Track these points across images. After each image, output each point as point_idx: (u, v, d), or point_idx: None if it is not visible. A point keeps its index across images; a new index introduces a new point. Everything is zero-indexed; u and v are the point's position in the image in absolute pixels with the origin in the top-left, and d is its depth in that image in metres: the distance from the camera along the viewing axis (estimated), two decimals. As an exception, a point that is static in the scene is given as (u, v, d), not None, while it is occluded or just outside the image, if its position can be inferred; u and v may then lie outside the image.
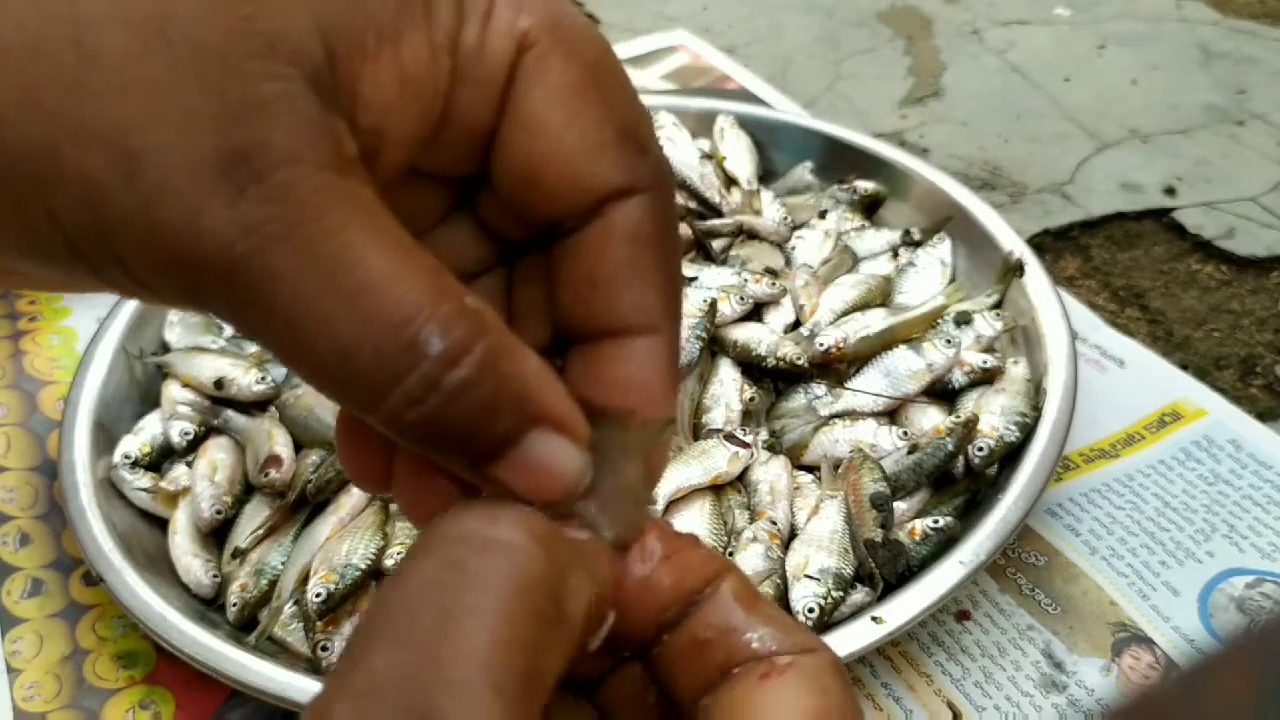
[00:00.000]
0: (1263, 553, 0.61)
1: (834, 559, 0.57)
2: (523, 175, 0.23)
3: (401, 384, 0.20)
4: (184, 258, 0.19)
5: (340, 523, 0.61)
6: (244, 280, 0.19)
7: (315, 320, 0.19)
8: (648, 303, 0.24)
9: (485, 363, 0.20)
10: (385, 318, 0.19)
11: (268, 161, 0.19)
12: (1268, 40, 1.13)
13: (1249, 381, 0.75)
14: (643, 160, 0.23)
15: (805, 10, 1.24)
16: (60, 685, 0.57)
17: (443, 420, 0.20)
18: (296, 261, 0.19)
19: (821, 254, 0.78)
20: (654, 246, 0.24)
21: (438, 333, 0.20)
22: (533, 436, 0.21)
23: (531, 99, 0.22)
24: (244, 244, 0.19)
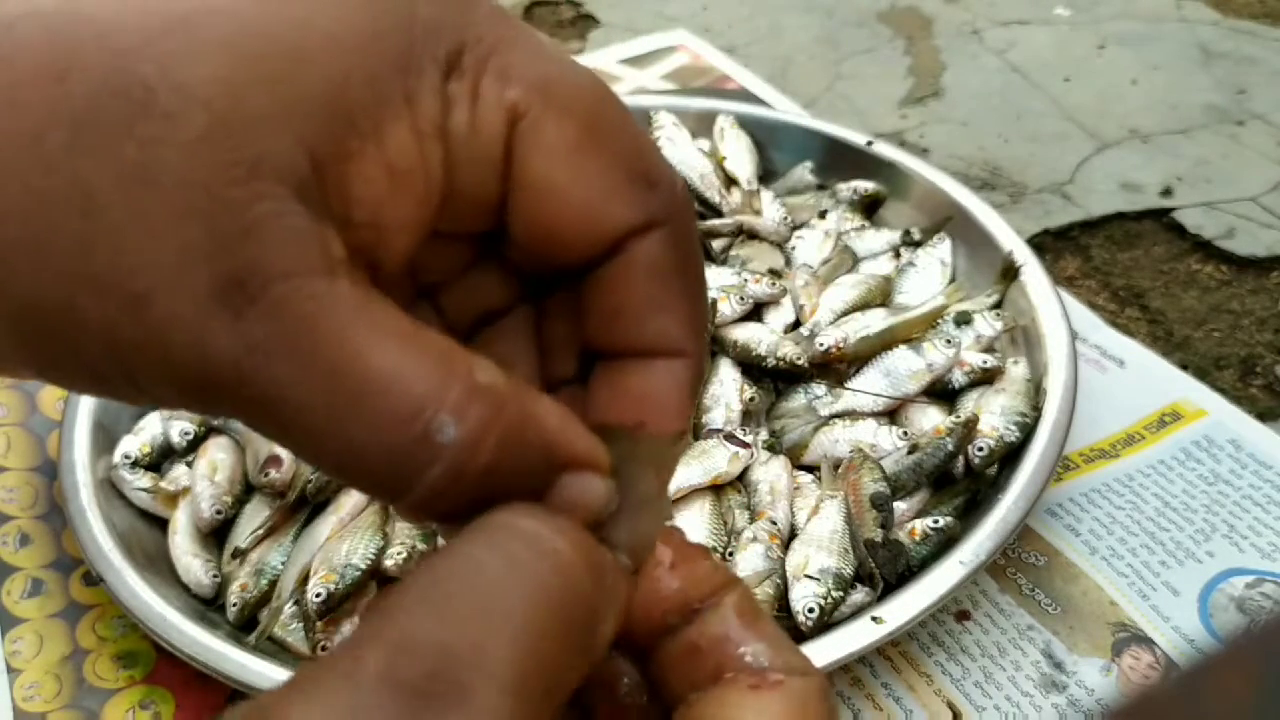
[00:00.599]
0: (1263, 553, 0.61)
1: (834, 559, 0.57)
2: (538, 235, 0.24)
3: (423, 477, 0.20)
4: (196, 379, 0.20)
5: (340, 523, 0.61)
6: (251, 394, 0.20)
7: (324, 426, 0.20)
8: (670, 331, 0.24)
9: (508, 437, 0.21)
10: (392, 415, 0.20)
11: (260, 282, 0.20)
12: (1268, 40, 1.13)
13: (1249, 381, 0.75)
14: (654, 194, 0.24)
15: (805, 10, 1.24)
16: (60, 685, 0.57)
17: (474, 502, 0.21)
18: (299, 373, 0.20)
19: (821, 254, 0.78)
20: (675, 277, 0.24)
21: (451, 421, 0.20)
22: (563, 480, 0.22)
23: (532, 167, 0.23)
24: (247, 362, 0.20)
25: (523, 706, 0.18)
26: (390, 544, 0.59)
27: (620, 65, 1.10)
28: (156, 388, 0.21)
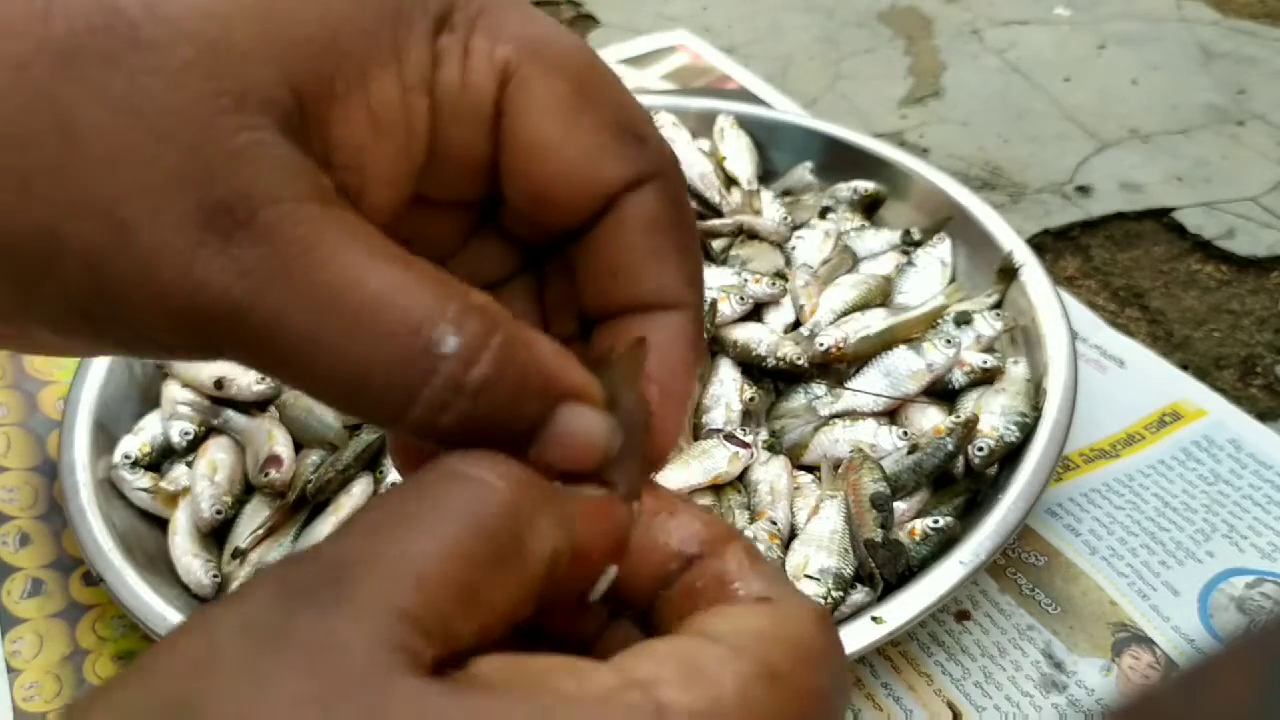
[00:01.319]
0: (1263, 553, 0.61)
1: (834, 559, 0.57)
2: (531, 195, 0.24)
3: (423, 392, 0.20)
4: (188, 311, 0.20)
5: (340, 523, 0.61)
6: (249, 322, 0.20)
7: (326, 348, 0.20)
8: (667, 284, 0.24)
9: (503, 354, 0.21)
10: (394, 330, 0.20)
11: (249, 207, 0.20)
12: (1268, 40, 1.13)
13: (1249, 381, 0.75)
14: (644, 151, 0.24)
15: (805, 10, 1.24)
16: (60, 685, 0.57)
17: (471, 418, 0.21)
18: (295, 296, 0.20)
19: (821, 254, 0.78)
20: (668, 231, 0.24)
21: (451, 332, 0.20)
22: (559, 413, 0.22)
23: (523, 125, 0.23)
24: (240, 287, 0.20)
25: (424, 594, 0.18)
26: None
27: (620, 65, 1.10)
28: (147, 324, 0.20)
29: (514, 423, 0.21)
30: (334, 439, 0.65)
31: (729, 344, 0.69)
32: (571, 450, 0.22)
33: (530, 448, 0.22)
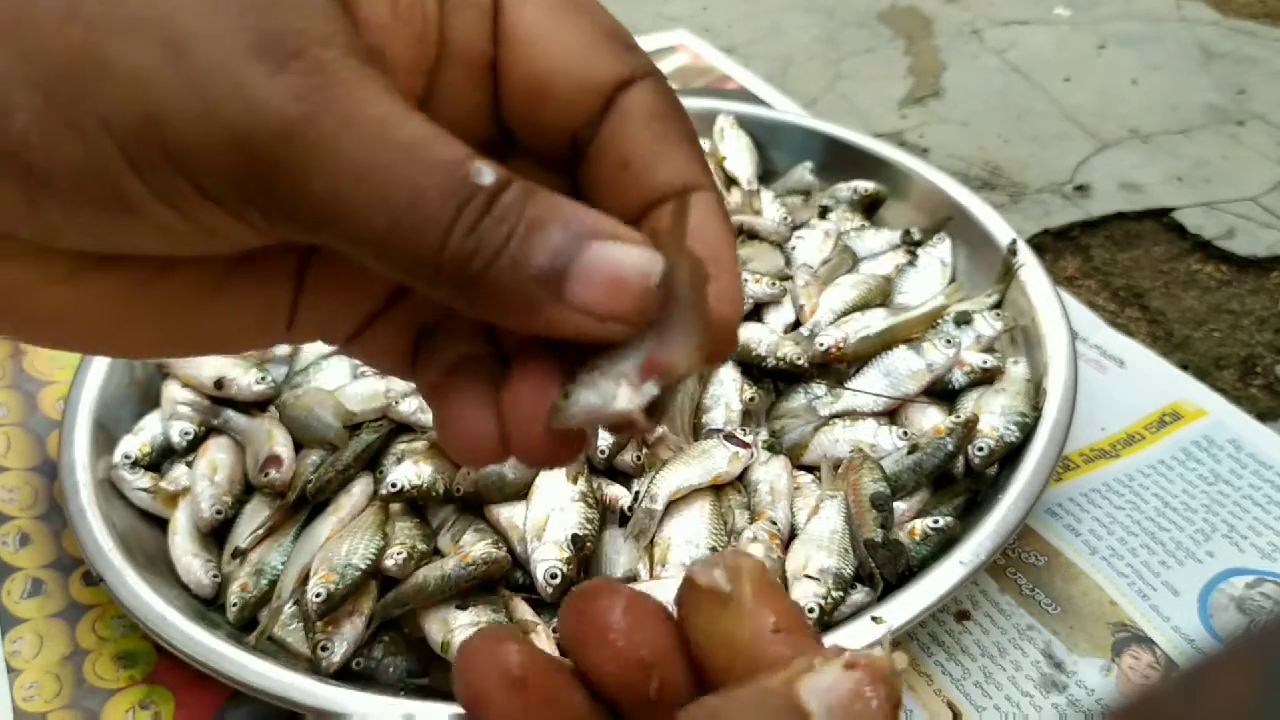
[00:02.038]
0: (1263, 553, 0.61)
1: (834, 559, 0.57)
2: (529, 90, 0.24)
3: (462, 215, 0.21)
4: (239, 131, 0.20)
5: (340, 523, 0.61)
6: (301, 145, 0.20)
7: (378, 172, 0.20)
8: (682, 166, 0.24)
9: (527, 189, 0.21)
10: (440, 160, 0.21)
11: (300, 42, 0.20)
12: (1268, 40, 1.13)
13: (1249, 381, 0.75)
14: (634, 54, 0.25)
15: (805, 10, 1.24)
16: (60, 685, 0.57)
17: (497, 242, 0.21)
18: (348, 123, 0.20)
19: (821, 254, 0.78)
20: (672, 121, 0.24)
21: (485, 168, 0.21)
22: (590, 246, 0.22)
23: (519, 16, 0.24)
24: (295, 109, 0.20)
25: None
26: (390, 544, 0.59)
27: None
28: (192, 151, 0.20)
29: (538, 253, 0.21)
30: (334, 439, 0.65)
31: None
32: (607, 278, 0.21)
33: (564, 287, 0.21)
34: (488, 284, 0.21)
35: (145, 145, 0.20)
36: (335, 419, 0.65)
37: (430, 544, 0.60)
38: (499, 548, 0.58)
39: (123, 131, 0.20)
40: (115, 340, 0.25)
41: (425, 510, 0.63)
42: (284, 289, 0.26)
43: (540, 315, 0.22)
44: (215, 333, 0.26)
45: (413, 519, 0.61)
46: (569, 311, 0.22)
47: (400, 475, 0.61)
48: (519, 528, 0.59)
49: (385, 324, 0.27)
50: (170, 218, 0.21)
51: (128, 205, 0.21)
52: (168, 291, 0.24)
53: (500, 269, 0.21)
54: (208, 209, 0.21)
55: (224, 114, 0.20)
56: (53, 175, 0.20)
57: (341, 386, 0.68)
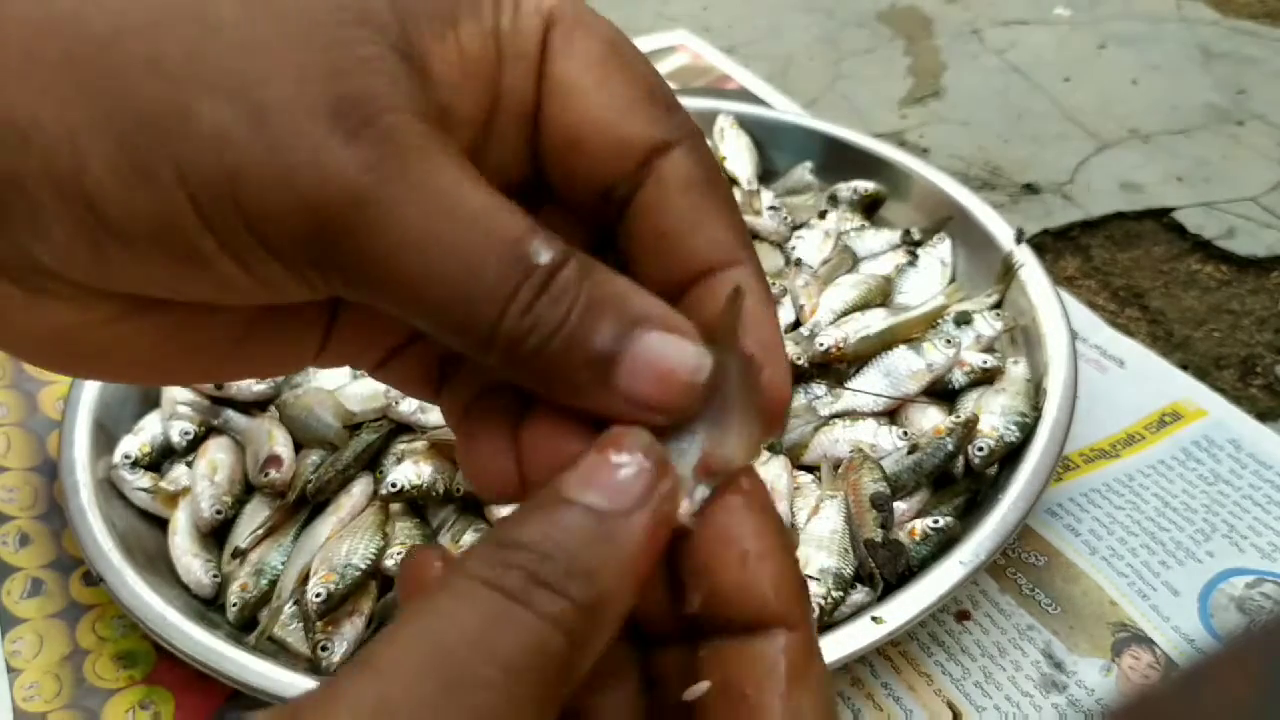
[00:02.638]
0: (1263, 553, 0.61)
1: (834, 559, 0.57)
2: (566, 142, 0.24)
3: (520, 292, 0.21)
4: (311, 196, 0.20)
5: (340, 523, 0.61)
6: (369, 214, 0.21)
7: (439, 245, 0.21)
8: (720, 238, 0.25)
9: (583, 269, 0.22)
10: (500, 237, 0.21)
11: (374, 109, 0.21)
12: (1268, 40, 1.13)
13: (1249, 381, 0.75)
14: (674, 116, 0.25)
15: (805, 10, 1.24)
16: (60, 685, 0.57)
17: (552, 324, 0.21)
18: (414, 195, 0.21)
19: (821, 254, 0.78)
20: (710, 189, 0.25)
21: (544, 245, 0.22)
22: (643, 335, 0.22)
23: (563, 68, 0.24)
24: (365, 178, 0.20)
25: None
26: (390, 544, 0.59)
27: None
28: (265, 216, 0.20)
29: (590, 337, 0.22)
30: (334, 439, 0.65)
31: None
32: (652, 376, 0.22)
33: (611, 372, 0.22)
34: (539, 362, 0.22)
35: (220, 202, 0.20)
36: (335, 419, 0.65)
37: (430, 544, 0.60)
38: (499, 548, 0.58)
39: (199, 186, 0.20)
40: (153, 374, 0.26)
41: (425, 510, 0.63)
42: (317, 326, 0.27)
43: (588, 398, 0.22)
44: (248, 364, 0.27)
45: (413, 519, 0.61)
46: (615, 398, 0.22)
47: (400, 475, 0.61)
48: (519, 528, 0.59)
49: (410, 355, 0.28)
50: (234, 271, 0.22)
51: (196, 258, 0.21)
52: (208, 332, 0.25)
53: (553, 351, 0.22)
54: (272, 266, 0.22)
55: (299, 179, 0.20)
56: (124, 224, 0.21)
57: (341, 386, 0.68)
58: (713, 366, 0.23)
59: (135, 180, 0.20)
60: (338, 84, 0.21)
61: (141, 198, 0.20)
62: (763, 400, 0.23)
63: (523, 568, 0.20)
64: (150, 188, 0.20)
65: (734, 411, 0.23)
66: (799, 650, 0.23)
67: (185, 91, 0.20)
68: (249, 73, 0.20)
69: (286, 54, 0.21)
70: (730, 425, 0.23)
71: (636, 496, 0.21)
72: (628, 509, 0.21)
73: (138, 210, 0.21)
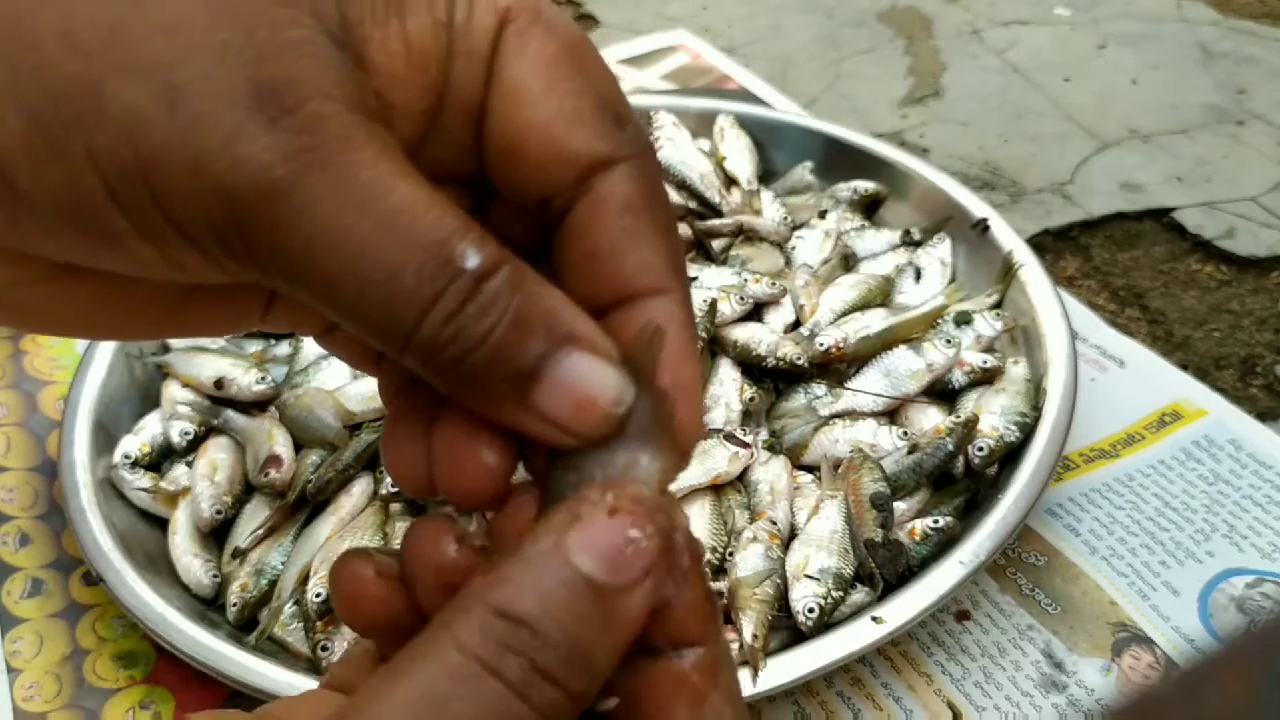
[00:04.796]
0: (1263, 553, 0.61)
1: (834, 559, 0.57)
2: (508, 146, 0.23)
3: (441, 299, 0.20)
4: (224, 184, 0.20)
5: (340, 523, 0.61)
6: (284, 206, 0.20)
7: (356, 243, 0.20)
8: (650, 264, 0.24)
9: (515, 278, 0.21)
10: (423, 238, 0.20)
11: (298, 96, 0.20)
12: (1268, 40, 1.13)
13: (1249, 381, 0.75)
14: (621, 131, 0.24)
15: (805, 10, 1.24)
16: (60, 685, 0.57)
17: (477, 335, 0.21)
18: (333, 188, 0.20)
19: (821, 254, 0.78)
20: (647, 212, 0.24)
21: (472, 249, 0.21)
22: (567, 356, 0.21)
23: (512, 68, 0.23)
24: (282, 169, 0.19)
25: None
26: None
27: (620, 65, 1.10)
28: (178, 202, 0.20)
29: (519, 350, 0.21)
30: (334, 439, 0.65)
31: (729, 344, 0.69)
32: (574, 399, 0.21)
33: (531, 389, 0.21)
34: (458, 371, 0.21)
35: (131, 184, 0.20)
36: (335, 419, 0.65)
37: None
38: (499, 548, 0.58)
39: (110, 168, 0.20)
40: (99, 328, 0.26)
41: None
42: (260, 290, 0.26)
43: (503, 412, 0.22)
44: (188, 326, 0.26)
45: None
46: (530, 416, 0.22)
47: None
48: (519, 528, 0.59)
49: None
50: (149, 252, 0.21)
51: (107, 236, 0.21)
52: (142, 293, 0.24)
53: (474, 362, 0.21)
54: (186, 250, 0.21)
55: (211, 167, 0.19)
56: (34, 198, 0.20)
57: (341, 386, 0.68)
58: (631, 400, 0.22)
59: (46, 156, 0.20)
60: (261, 67, 0.20)
61: (52, 174, 0.20)
62: (674, 439, 0.23)
63: (523, 654, 0.20)
64: (61, 165, 0.20)
65: (645, 447, 0.22)
66: (706, 667, 0.22)
67: (99, 69, 0.19)
68: (166, 51, 0.19)
69: (209, 33, 0.20)
70: (640, 461, 0.22)
71: (640, 573, 0.21)
72: (629, 586, 0.21)
73: (49, 186, 0.20)
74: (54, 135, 0.20)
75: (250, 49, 0.20)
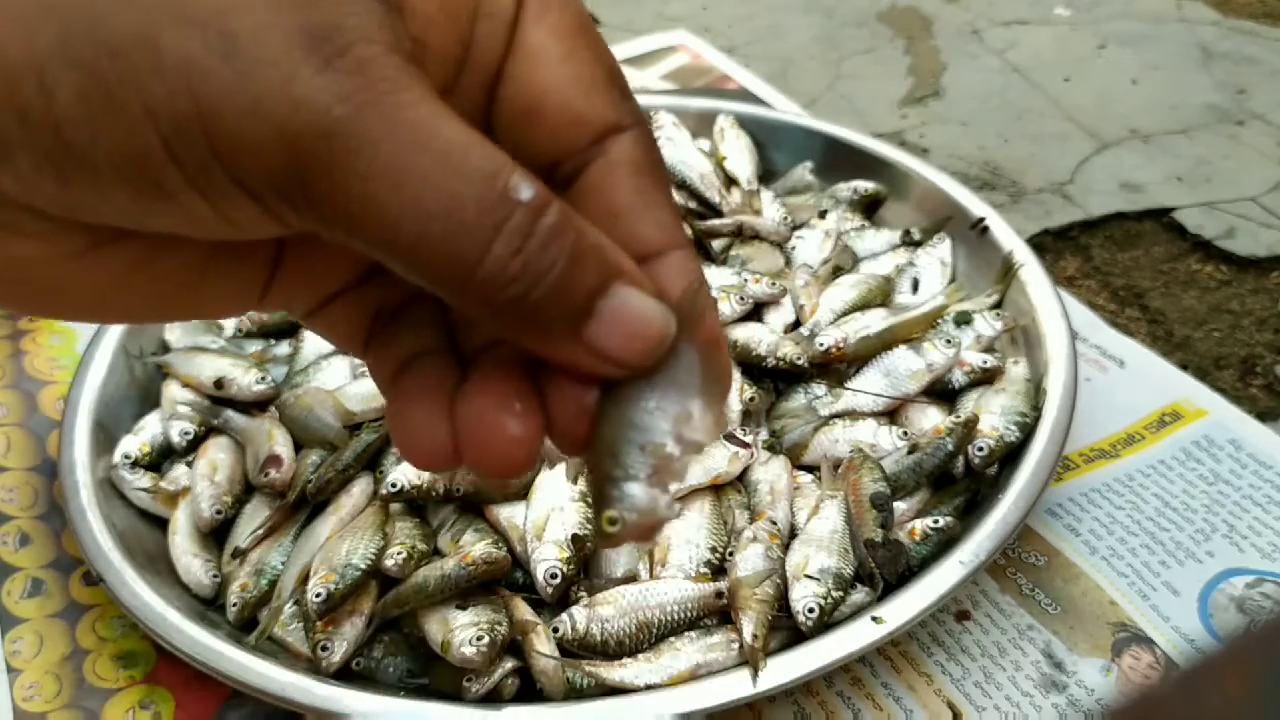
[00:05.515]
0: (1263, 553, 0.61)
1: (834, 559, 0.57)
2: (526, 107, 0.25)
3: (503, 232, 0.21)
4: (283, 126, 0.20)
5: (340, 523, 0.61)
6: (342, 145, 0.20)
7: (416, 177, 0.20)
8: (665, 223, 0.25)
9: (565, 214, 0.22)
10: (477, 170, 0.21)
11: (347, 39, 0.20)
12: (1268, 40, 1.13)
13: (1249, 381, 0.75)
14: (628, 101, 0.25)
15: (805, 10, 1.24)
16: (60, 685, 0.57)
17: (537, 273, 0.21)
18: (389, 126, 0.20)
19: (821, 254, 0.78)
20: (657, 175, 0.25)
21: (524, 183, 0.21)
22: (617, 290, 0.22)
23: (534, 35, 0.24)
24: (339, 109, 0.20)
25: None
26: (390, 544, 0.59)
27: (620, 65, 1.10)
28: (235, 144, 0.20)
29: (576, 285, 0.22)
30: (334, 439, 0.65)
31: (729, 344, 0.69)
32: (627, 329, 0.22)
33: (585, 323, 0.22)
34: (519, 307, 0.22)
35: (189, 136, 0.20)
36: (335, 419, 0.65)
37: (430, 544, 0.60)
38: (499, 548, 0.58)
39: (168, 120, 0.20)
40: (106, 310, 0.26)
41: (425, 510, 0.63)
42: (264, 266, 0.27)
43: (554, 346, 0.23)
44: (198, 303, 0.27)
45: (413, 519, 0.61)
46: (580, 349, 0.22)
47: (400, 475, 0.61)
48: (519, 528, 0.59)
49: (345, 303, 0.28)
50: (200, 205, 0.21)
51: (163, 191, 0.21)
52: (163, 268, 0.25)
53: (535, 298, 0.21)
54: (242, 202, 0.21)
55: (270, 110, 0.20)
56: (91, 155, 0.20)
57: (341, 386, 0.68)
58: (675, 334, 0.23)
59: (103, 111, 0.20)
60: (310, 13, 0.20)
61: (108, 129, 0.20)
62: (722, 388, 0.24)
63: None
64: (117, 119, 0.20)
65: (696, 393, 0.23)
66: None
67: (154, 22, 0.20)
68: (224, 5, 0.20)
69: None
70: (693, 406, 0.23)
71: None
72: None
73: (104, 141, 0.20)
74: (110, 90, 0.20)
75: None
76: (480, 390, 0.24)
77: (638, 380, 0.23)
